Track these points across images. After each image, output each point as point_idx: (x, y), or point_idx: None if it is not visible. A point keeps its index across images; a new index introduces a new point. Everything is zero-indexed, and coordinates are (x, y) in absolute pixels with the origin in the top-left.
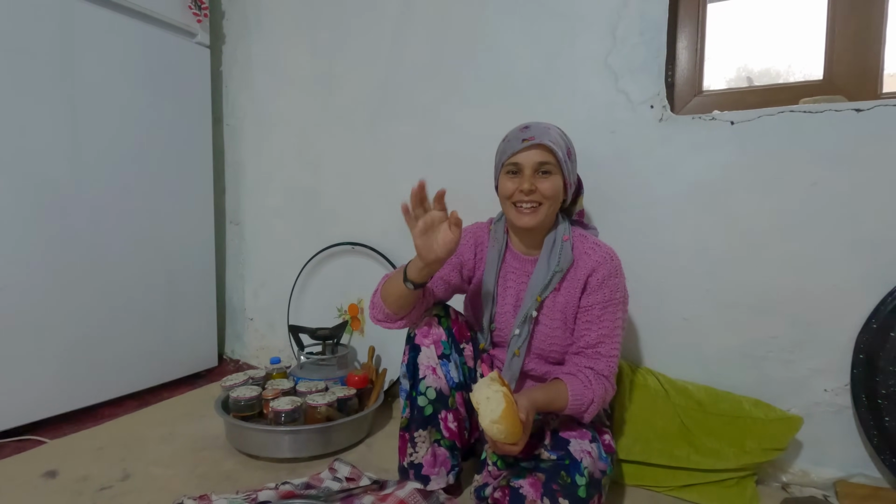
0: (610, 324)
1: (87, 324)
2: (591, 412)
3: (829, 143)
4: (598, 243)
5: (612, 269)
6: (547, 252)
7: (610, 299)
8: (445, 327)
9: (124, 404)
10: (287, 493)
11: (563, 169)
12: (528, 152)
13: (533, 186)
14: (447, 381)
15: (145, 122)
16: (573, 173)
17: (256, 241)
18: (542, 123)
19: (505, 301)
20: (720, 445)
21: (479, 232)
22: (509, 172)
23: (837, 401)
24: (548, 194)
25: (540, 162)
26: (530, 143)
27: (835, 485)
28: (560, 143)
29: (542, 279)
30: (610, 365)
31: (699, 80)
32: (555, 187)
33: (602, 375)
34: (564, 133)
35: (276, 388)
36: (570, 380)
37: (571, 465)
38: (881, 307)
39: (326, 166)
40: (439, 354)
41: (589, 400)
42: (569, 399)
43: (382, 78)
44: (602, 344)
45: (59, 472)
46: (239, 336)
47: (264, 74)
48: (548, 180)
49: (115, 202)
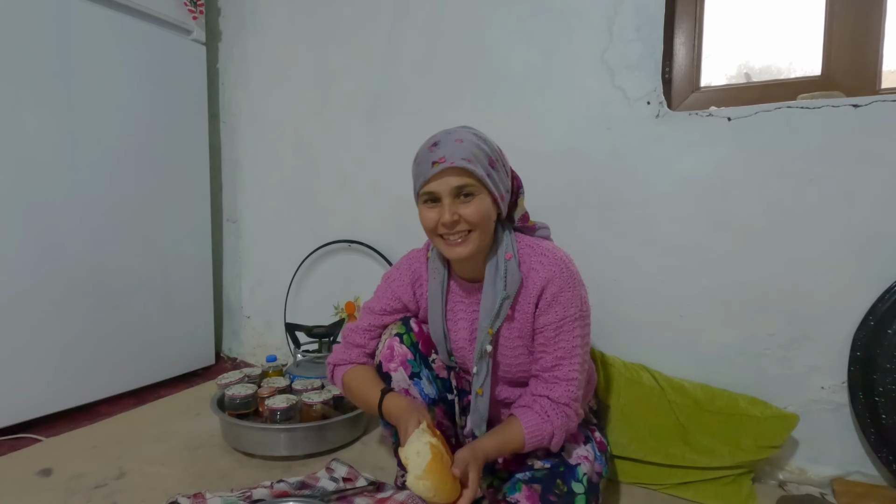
0: (566, 344)
1: (83, 322)
2: (556, 443)
3: (827, 140)
4: (548, 252)
5: (565, 282)
6: (491, 278)
7: (563, 317)
8: (409, 344)
9: (121, 402)
10: (281, 492)
11: (487, 185)
12: (442, 178)
13: (455, 216)
14: (423, 399)
15: (141, 119)
16: (503, 182)
17: (253, 238)
18: (454, 133)
19: (458, 336)
20: (716, 443)
21: (414, 264)
22: (427, 202)
23: (834, 398)
24: (475, 220)
25: (457, 187)
26: (442, 166)
27: (832, 482)
28: (478, 154)
29: (490, 309)
30: (569, 390)
31: (696, 77)
32: (481, 210)
33: (560, 403)
34: (484, 138)
35: (272, 385)
36: (525, 414)
37: (566, 471)
38: (878, 304)
39: (323, 164)
40: (409, 374)
41: (549, 433)
42: (525, 437)
43: (378, 75)
44: (558, 367)
45: (54, 471)
46: (236, 334)
47: (260, 71)
48: (471, 204)
49: (111, 200)
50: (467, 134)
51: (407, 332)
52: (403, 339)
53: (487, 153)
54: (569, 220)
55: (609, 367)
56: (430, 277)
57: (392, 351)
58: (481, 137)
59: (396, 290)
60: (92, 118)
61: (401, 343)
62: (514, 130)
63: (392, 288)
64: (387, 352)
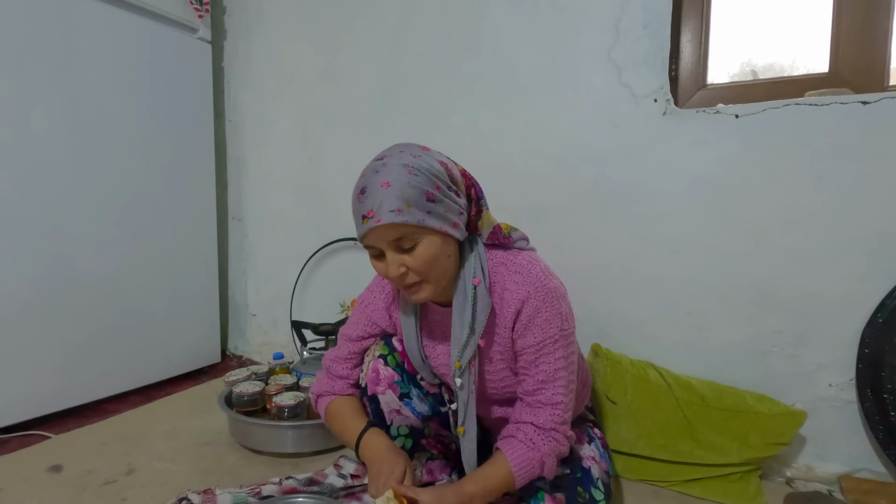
0: (547, 367)
1: (90, 320)
2: (548, 470)
3: (835, 137)
4: (522, 269)
5: (541, 301)
6: (459, 308)
7: (543, 340)
8: (394, 365)
9: (128, 399)
10: (290, 488)
11: (428, 226)
12: (374, 235)
13: (402, 269)
14: (416, 417)
15: (147, 118)
16: (451, 209)
17: (259, 237)
18: (381, 171)
19: (439, 361)
20: (723, 440)
21: (388, 286)
22: (372, 255)
23: (842, 395)
24: (423, 268)
25: (394, 240)
26: (371, 223)
27: (839, 480)
28: (410, 195)
29: (459, 341)
30: (554, 415)
31: (703, 74)
32: (428, 255)
33: (546, 429)
34: (415, 166)
35: (279, 383)
36: (510, 445)
37: (584, 478)
38: (887, 301)
39: (328, 162)
40: (399, 395)
41: (539, 462)
42: (513, 472)
43: (384, 73)
44: (541, 391)
45: (64, 467)
46: (242, 332)
47: (266, 70)
48: (415, 254)
49: (117, 198)
50: (397, 169)
51: (391, 353)
52: (388, 361)
53: (423, 187)
54: (575, 218)
55: (616, 365)
56: (402, 303)
57: (378, 374)
58: (414, 167)
59: (371, 315)
60: (97, 117)
61: (385, 365)
62: (521, 128)
63: (367, 313)
64: (372, 375)
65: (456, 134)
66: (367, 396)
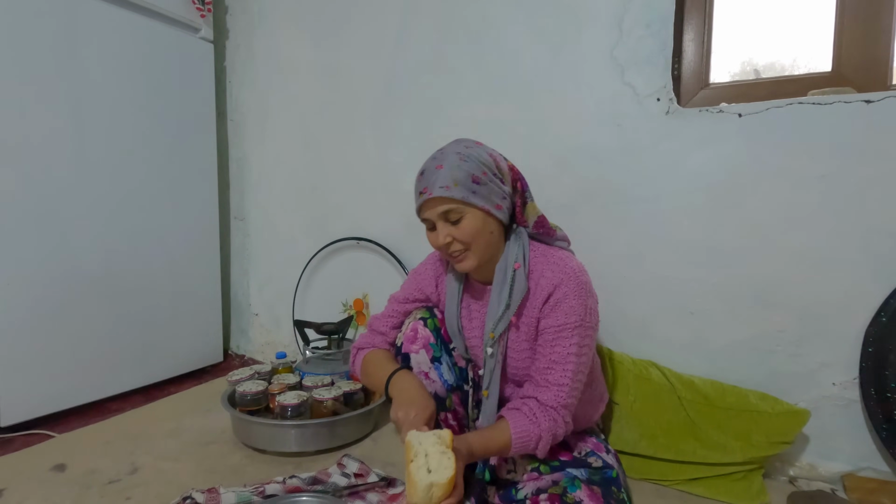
0: (561, 350)
1: (93, 319)
2: (542, 449)
3: (839, 136)
4: (560, 261)
5: (571, 290)
6: (498, 285)
7: (564, 324)
8: (432, 328)
9: (131, 399)
10: (294, 487)
11: (472, 203)
12: (429, 208)
13: (448, 238)
14: (443, 384)
15: (149, 117)
16: (495, 193)
17: (261, 236)
18: (437, 158)
19: (472, 333)
20: (726, 439)
21: (438, 264)
22: (427, 227)
23: (846, 394)
24: (467, 239)
25: (443, 212)
26: (424, 197)
27: (843, 478)
28: (458, 177)
29: (495, 315)
30: (559, 395)
31: (706, 73)
32: (471, 228)
33: (548, 407)
34: (467, 155)
35: (282, 382)
36: (513, 415)
37: (616, 480)
38: (891, 300)
39: (330, 161)
40: (431, 358)
41: (536, 436)
42: (511, 437)
43: (387, 72)
44: (551, 371)
45: (68, 466)
46: (244, 331)
47: (268, 69)
48: (460, 226)
49: (120, 198)
50: (451, 156)
51: (431, 318)
52: (427, 324)
53: (469, 172)
54: (578, 217)
55: (617, 364)
56: (449, 275)
57: (416, 333)
58: (465, 155)
59: (421, 282)
60: (100, 116)
61: (424, 326)
62: (524, 127)
63: (417, 280)
64: (410, 333)
65: (458, 132)
66: (399, 354)
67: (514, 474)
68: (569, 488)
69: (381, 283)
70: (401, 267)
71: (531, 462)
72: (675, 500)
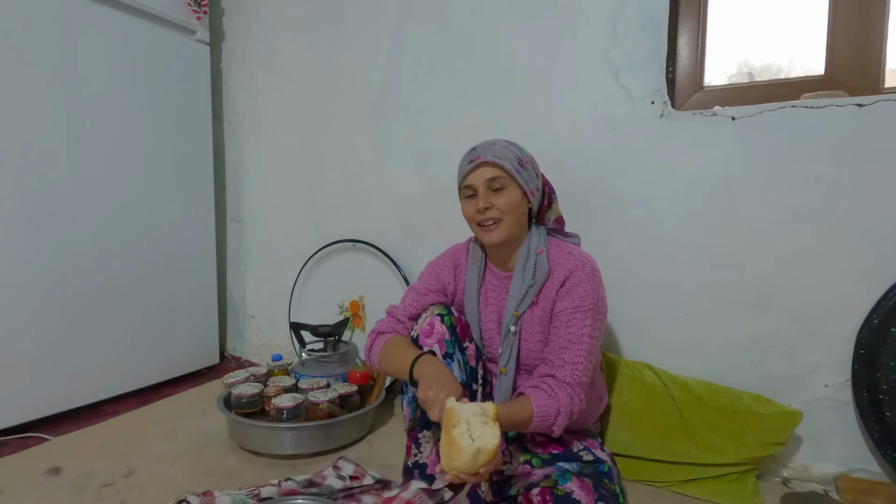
0: (577, 330)
1: (88, 321)
2: (559, 425)
3: (831, 139)
4: (575, 251)
5: (585, 275)
6: (521, 267)
7: (578, 305)
8: (448, 325)
9: (126, 402)
10: (289, 490)
11: (516, 179)
12: (477, 171)
13: (488, 203)
14: None
15: (145, 119)
16: (532, 181)
17: (257, 238)
18: (489, 140)
19: (488, 318)
20: (720, 440)
21: (457, 254)
22: (467, 197)
23: (838, 396)
24: (504, 208)
25: (489, 178)
26: (476, 162)
27: (835, 479)
28: (508, 154)
29: (517, 294)
30: (574, 372)
31: (700, 76)
32: (511, 200)
33: (565, 383)
34: (514, 144)
35: (278, 384)
36: (533, 392)
37: (609, 472)
38: (882, 302)
39: (327, 163)
40: (444, 354)
41: (555, 410)
42: (533, 411)
43: (382, 75)
44: (566, 350)
45: (63, 469)
46: (240, 333)
47: (264, 71)
48: (502, 195)
49: (115, 200)
50: (501, 141)
51: (448, 315)
52: (444, 320)
53: (517, 154)
54: (573, 220)
55: (611, 366)
56: (470, 262)
57: (432, 328)
58: (513, 143)
59: (439, 273)
60: (96, 118)
61: (441, 322)
62: (519, 130)
63: (435, 271)
64: (426, 328)
65: (453, 135)
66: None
67: (508, 465)
68: (560, 481)
69: (377, 286)
70: (397, 269)
71: (524, 454)
72: (669, 501)
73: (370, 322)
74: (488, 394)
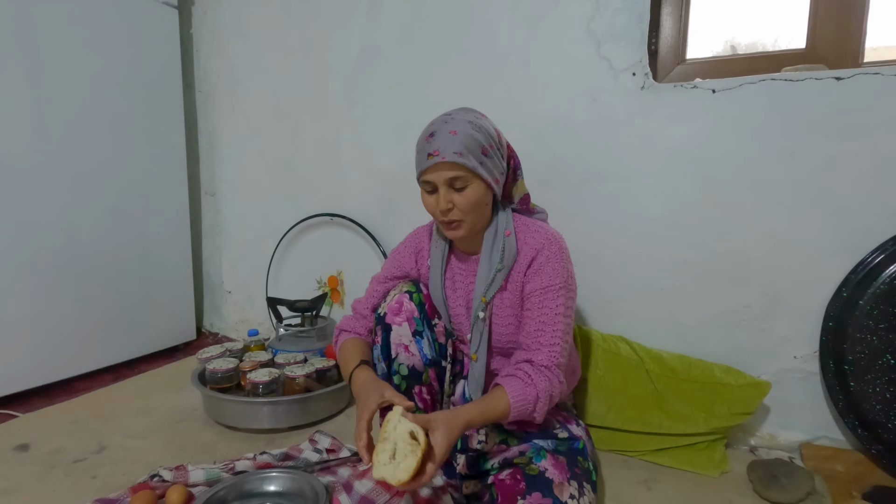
0: (549, 311)
1: (57, 297)
2: (539, 411)
3: (809, 112)
4: (541, 228)
5: (553, 253)
6: (488, 250)
7: (549, 285)
8: (417, 303)
9: (99, 378)
10: (264, 463)
11: (479, 174)
12: (436, 171)
13: (449, 204)
14: (421, 358)
15: (111, 88)
16: (497, 166)
17: (233, 212)
18: (450, 122)
19: (456, 304)
20: (691, 410)
21: (418, 239)
22: (426, 190)
23: (806, 367)
24: (467, 208)
25: (450, 178)
26: (435, 160)
27: (800, 447)
28: (470, 145)
29: (485, 279)
30: (551, 355)
31: (683, 49)
32: (473, 199)
33: (542, 367)
34: (478, 125)
35: (254, 359)
36: (509, 381)
37: (583, 450)
38: (851, 276)
39: (303, 135)
40: (413, 331)
41: (533, 397)
42: (510, 402)
43: (360, 44)
44: (541, 332)
45: (32, 446)
46: (217, 309)
47: (237, 39)
48: (464, 194)
49: (83, 171)
50: (463, 123)
51: (417, 292)
52: (413, 298)
53: (480, 142)
54: (551, 194)
55: (586, 339)
56: (433, 248)
57: (401, 305)
58: (476, 125)
59: (401, 260)
60: (58, 86)
61: (410, 300)
62: (498, 102)
63: (397, 259)
64: (395, 305)
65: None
66: (381, 324)
67: (484, 444)
68: (534, 458)
69: (356, 261)
70: (376, 244)
71: (500, 434)
72: (640, 470)
73: (349, 297)
74: (458, 373)
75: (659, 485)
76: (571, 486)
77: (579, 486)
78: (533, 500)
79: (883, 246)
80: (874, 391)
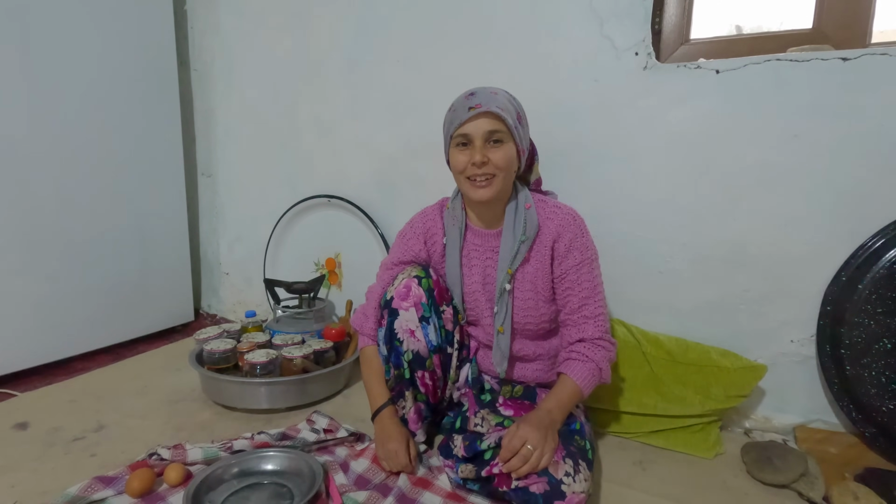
0: (588, 283)
1: (56, 277)
2: (606, 376)
3: (814, 93)
4: (558, 206)
5: (577, 231)
6: (511, 222)
7: (582, 261)
8: (426, 288)
9: (98, 358)
10: (262, 443)
11: (514, 136)
12: (477, 121)
13: (485, 158)
14: (426, 344)
15: (104, 67)
16: (525, 139)
17: (230, 193)
18: (489, 88)
19: (472, 280)
20: (687, 392)
21: (426, 222)
22: (459, 144)
23: (802, 351)
24: (501, 165)
25: (490, 131)
26: (477, 111)
27: (794, 430)
28: (509, 108)
29: (510, 251)
30: (598, 325)
31: (687, 29)
32: (508, 156)
33: (593, 340)
34: (513, 97)
35: (251, 340)
36: (569, 366)
37: (580, 430)
38: (851, 260)
39: (302, 115)
40: (420, 317)
41: (597, 370)
42: (580, 386)
43: (359, 22)
44: (585, 306)
45: (31, 424)
46: (215, 290)
47: (233, 15)
48: (500, 150)
49: (79, 153)
50: (501, 89)
51: (426, 277)
52: (421, 283)
53: (517, 109)
54: (552, 175)
55: None
56: (449, 224)
57: (409, 290)
58: (512, 96)
59: (409, 243)
60: (50, 66)
61: (418, 285)
62: (498, 82)
63: (405, 242)
64: (402, 290)
65: (430, 85)
66: (388, 308)
67: (480, 427)
68: None
69: (354, 243)
70: (374, 226)
71: (496, 417)
72: (636, 451)
73: (347, 280)
74: (465, 358)
75: (653, 466)
76: (566, 464)
77: (574, 463)
78: (529, 479)
79: (884, 230)
80: (870, 375)
